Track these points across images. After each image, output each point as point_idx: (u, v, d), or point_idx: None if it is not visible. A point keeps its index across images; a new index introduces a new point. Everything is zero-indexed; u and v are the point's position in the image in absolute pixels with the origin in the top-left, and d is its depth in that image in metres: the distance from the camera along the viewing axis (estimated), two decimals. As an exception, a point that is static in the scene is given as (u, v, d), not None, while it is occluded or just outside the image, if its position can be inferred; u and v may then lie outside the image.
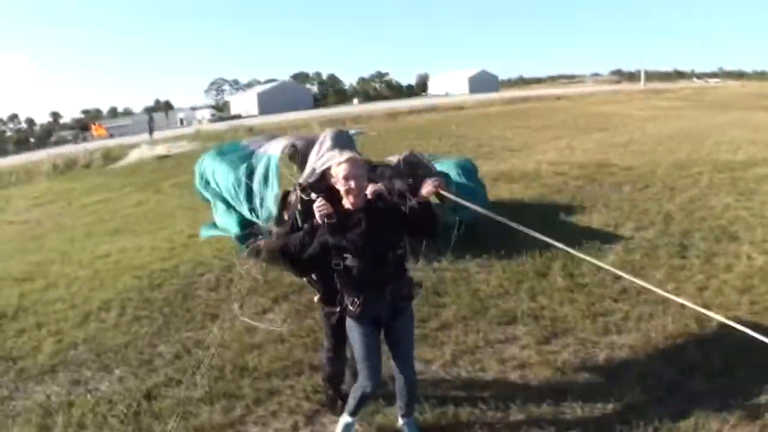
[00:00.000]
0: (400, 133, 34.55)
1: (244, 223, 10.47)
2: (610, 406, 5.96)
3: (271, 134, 13.14)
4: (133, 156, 36.35)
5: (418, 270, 9.54)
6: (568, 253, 9.61)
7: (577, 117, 33.94)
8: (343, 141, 6.24)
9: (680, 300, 6.19)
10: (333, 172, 5.13)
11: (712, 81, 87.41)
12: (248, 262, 9.69)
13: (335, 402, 6.20)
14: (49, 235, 17.05)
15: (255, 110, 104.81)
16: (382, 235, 4.97)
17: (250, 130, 46.24)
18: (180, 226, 15.46)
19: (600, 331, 7.46)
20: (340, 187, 5.02)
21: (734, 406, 5.70)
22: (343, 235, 4.97)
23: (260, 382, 6.92)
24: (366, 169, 5.27)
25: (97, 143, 54.40)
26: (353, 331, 5.27)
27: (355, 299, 5.11)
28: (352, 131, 7.42)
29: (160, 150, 37.19)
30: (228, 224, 10.95)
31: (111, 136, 67.63)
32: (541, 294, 8.70)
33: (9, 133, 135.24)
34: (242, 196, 10.38)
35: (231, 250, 11.93)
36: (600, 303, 8.19)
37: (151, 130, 53.73)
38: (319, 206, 5.05)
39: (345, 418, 5.67)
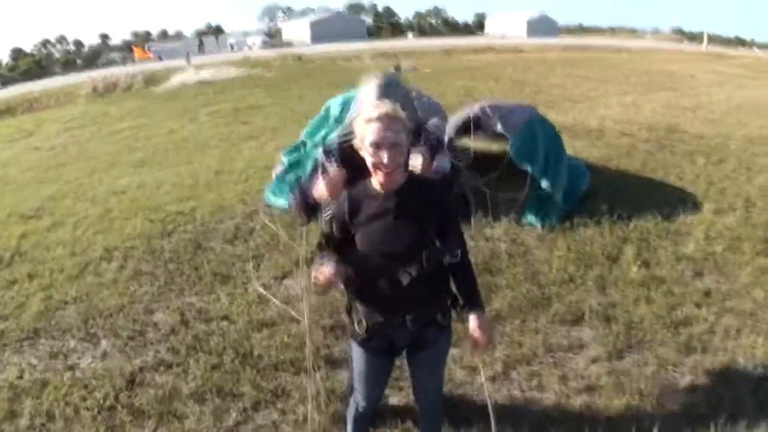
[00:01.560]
0: (455, 71, 32.41)
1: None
2: None
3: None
4: (176, 80, 35.32)
5: (468, 236, 8.13)
6: (642, 233, 8.22)
7: (640, 72, 31.56)
8: (394, 93, 4.26)
9: None
10: (357, 132, 3.42)
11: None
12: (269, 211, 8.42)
13: None
14: (72, 163, 16.01)
15: (307, 39, 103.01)
16: (416, 236, 3.39)
17: (299, 59, 45.33)
18: (208, 161, 14.26)
19: (683, 347, 5.92)
20: (367, 157, 3.35)
21: None
22: (354, 226, 3.45)
23: (264, 377, 5.63)
24: (409, 132, 3.45)
25: (141, 66, 53.30)
26: (355, 353, 3.89)
27: (363, 320, 3.62)
28: (404, 66, 5.71)
29: (204, 75, 36.08)
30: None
31: (160, 58, 66.23)
32: (613, 286, 7.17)
33: (57, 55, 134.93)
34: None
35: (257, 194, 10.67)
36: (681, 308, 6.64)
37: (188, 55, 52.47)
38: (327, 178, 3.66)
39: None
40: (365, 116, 3.33)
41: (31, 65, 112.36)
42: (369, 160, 3.32)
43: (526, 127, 9.52)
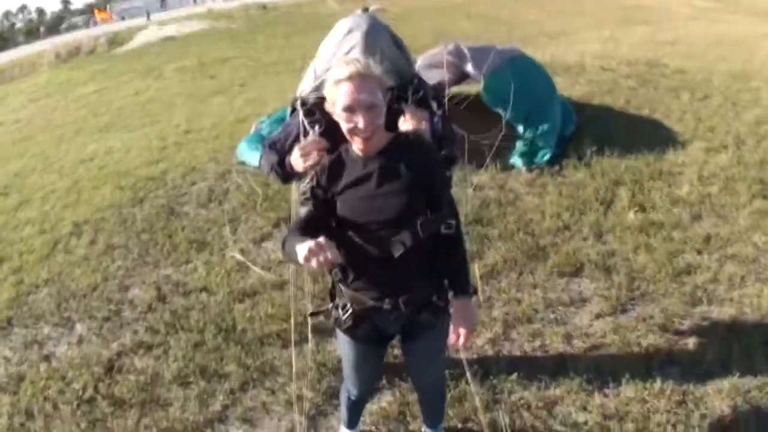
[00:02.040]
0: (424, 11, 31.51)
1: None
2: (699, 414, 4.31)
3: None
4: (140, 39, 34.78)
5: (454, 185, 7.74)
6: (635, 175, 7.81)
7: (614, 7, 30.76)
8: (381, 39, 3.69)
9: None
10: (327, 95, 2.93)
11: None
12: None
13: None
14: (38, 135, 15.55)
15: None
16: (407, 200, 2.93)
17: (264, 7, 44.58)
18: (176, 119, 13.81)
19: (687, 298, 5.54)
20: (341, 123, 2.87)
21: None
22: (335, 196, 3.00)
23: (250, 353, 5.26)
24: (385, 91, 2.95)
25: (104, 28, 52.37)
26: (341, 341, 3.48)
27: (348, 304, 3.18)
28: (372, 7, 5.05)
29: (168, 31, 35.47)
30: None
31: (123, 18, 65.08)
32: (610, 232, 6.78)
33: (18, 25, 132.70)
34: None
35: (229, 151, 10.21)
36: (682, 255, 6.26)
37: (147, 13, 51.66)
38: (304, 147, 3.18)
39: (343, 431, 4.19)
40: (334, 77, 2.86)
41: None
42: (344, 126, 2.86)
43: (503, 68, 8.97)
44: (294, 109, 3.68)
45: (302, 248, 2.50)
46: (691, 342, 5.00)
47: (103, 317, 6.17)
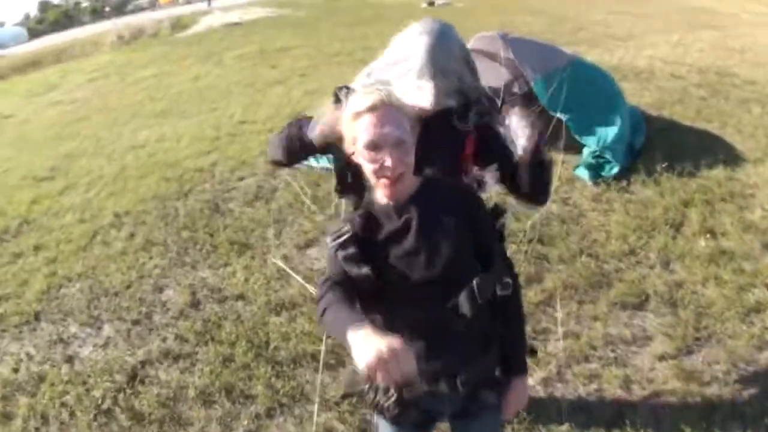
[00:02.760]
0: (490, 6, 30.38)
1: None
2: None
3: None
4: (203, 24, 34.86)
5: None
6: (706, 195, 7.23)
7: (680, 9, 30.04)
8: (448, 53, 3.14)
9: None
10: (345, 132, 2.46)
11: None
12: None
13: None
14: (92, 117, 15.44)
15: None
16: (454, 252, 2.42)
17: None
18: (232, 109, 13.54)
19: (756, 341, 5.02)
20: (363, 164, 2.39)
21: None
22: (373, 252, 2.44)
23: (281, 375, 4.90)
24: (416, 123, 2.47)
25: (168, 11, 52.81)
26: (381, 426, 2.85)
27: (391, 388, 2.53)
28: (439, 1, 4.44)
29: (232, 17, 35.51)
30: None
31: (188, 2, 65.51)
32: (678, 260, 6.23)
33: (84, 4, 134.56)
34: None
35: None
36: (752, 289, 5.67)
37: (209, 1, 51.79)
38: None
39: None
40: (351, 110, 2.39)
41: (59, 16, 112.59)
42: (367, 168, 2.37)
43: (562, 70, 8.35)
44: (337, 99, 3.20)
45: (366, 348, 1.92)
46: (756, 392, 4.53)
47: (133, 320, 5.95)
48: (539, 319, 5.35)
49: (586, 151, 8.11)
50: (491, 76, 8.11)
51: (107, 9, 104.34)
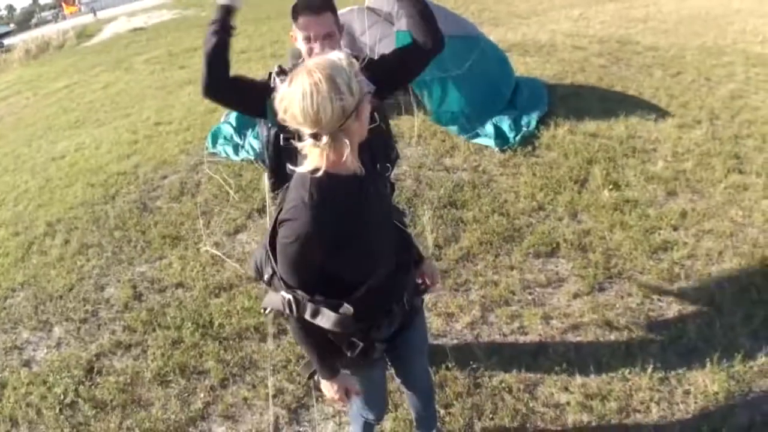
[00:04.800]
0: None
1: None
2: (682, 390, 4.37)
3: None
4: (108, 31, 34.49)
5: (427, 168, 7.81)
6: (608, 153, 7.83)
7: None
8: None
9: None
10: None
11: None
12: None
13: None
14: (8, 134, 15.38)
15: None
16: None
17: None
18: (147, 112, 13.65)
19: (665, 275, 5.58)
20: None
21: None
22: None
23: (228, 349, 5.26)
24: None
25: (72, 21, 51.87)
26: (356, 378, 3.05)
27: (355, 340, 2.78)
28: None
29: (137, 22, 35.23)
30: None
31: (94, 10, 64.15)
32: (585, 211, 6.79)
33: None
34: None
35: (200, 142, 10.13)
36: (658, 231, 6.30)
37: (93, 10, 50.94)
38: None
39: None
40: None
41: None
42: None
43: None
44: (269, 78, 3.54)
45: (329, 386, 2.78)
46: (671, 319, 5.04)
47: (80, 319, 6.14)
48: (459, 273, 5.83)
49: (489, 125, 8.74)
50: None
51: (12, 26, 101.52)
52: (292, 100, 2.21)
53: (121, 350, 5.53)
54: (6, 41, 45.84)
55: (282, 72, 3.34)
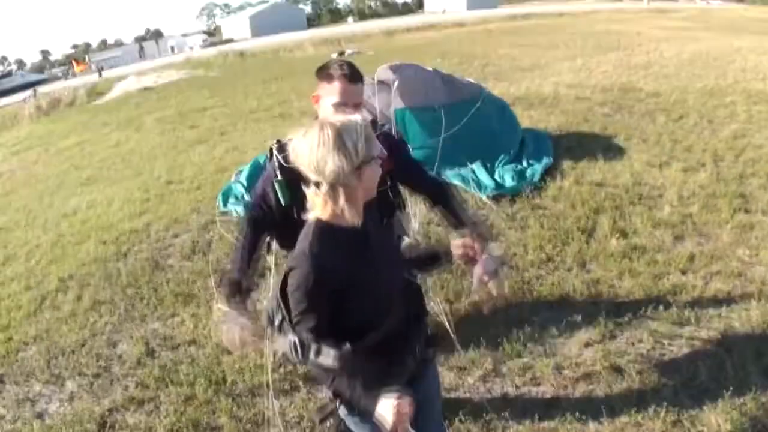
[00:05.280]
0: (399, 52, 31.49)
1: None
2: (696, 431, 4.41)
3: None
4: (118, 90, 34.84)
5: (435, 224, 7.88)
6: (615, 201, 7.99)
7: (586, 35, 31.15)
8: None
9: None
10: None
11: (714, 3, 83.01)
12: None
13: None
14: (20, 189, 15.50)
15: (247, 33, 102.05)
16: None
17: (241, 55, 45.08)
18: (158, 171, 13.84)
19: (675, 318, 5.69)
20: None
21: None
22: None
23: (241, 405, 5.33)
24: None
25: (83, 78, 52.47)
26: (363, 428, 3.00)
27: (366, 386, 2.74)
28: (348, 51, 5.15)
29: (146, 81, 35.62)
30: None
31: (101, 69, 64.93)
32: (593, 260, 6.94)
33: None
34: None
35: (211, 201, 10.29)
36: (667, 276, 6.44)
37: (100, 69, 51.63)
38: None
39: None
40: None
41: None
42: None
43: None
44: (271, 154, 3.74)
45: (386, 407, 2.58)
46: (682, 362, 5.14)
47: (93, 373, 6.18)
48: (470, 327, 5.89)
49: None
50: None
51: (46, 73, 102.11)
52: (301, 148, 2.48)
53: (134, 405, 5.57)
54: (41, 89, 46.10)
55: (281, 148, 3.56)
